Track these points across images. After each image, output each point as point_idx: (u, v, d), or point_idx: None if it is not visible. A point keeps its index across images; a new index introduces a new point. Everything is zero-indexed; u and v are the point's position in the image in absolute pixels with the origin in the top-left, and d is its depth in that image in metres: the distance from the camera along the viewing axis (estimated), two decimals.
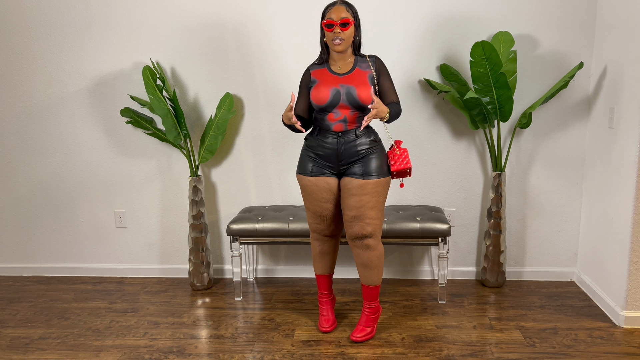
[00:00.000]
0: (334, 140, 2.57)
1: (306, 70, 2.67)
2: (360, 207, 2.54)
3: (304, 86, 2.66)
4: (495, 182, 3.24)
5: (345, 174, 2.60)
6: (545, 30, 3.19)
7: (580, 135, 3.29)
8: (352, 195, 2.55)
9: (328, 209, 2.66)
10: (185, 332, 2.88)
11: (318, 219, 2.69)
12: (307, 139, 2.69)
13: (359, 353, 2.61)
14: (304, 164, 2.66)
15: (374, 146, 2.60)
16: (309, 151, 2.65)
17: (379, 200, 2.57)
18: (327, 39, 2.53)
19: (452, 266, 3.52)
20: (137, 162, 3.55)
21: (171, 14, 3.33)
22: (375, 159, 2.58)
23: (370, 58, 2.61)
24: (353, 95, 2.51)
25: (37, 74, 3.48)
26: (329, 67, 2.60)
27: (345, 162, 2.58)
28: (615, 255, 2.90)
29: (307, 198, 2.67)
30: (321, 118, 2.59)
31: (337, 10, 2.49)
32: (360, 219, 2.54)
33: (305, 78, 2.65)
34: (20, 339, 2.84)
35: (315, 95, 2.55)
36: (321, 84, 2.56)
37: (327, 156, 2.60)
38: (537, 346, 2.65)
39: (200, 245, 3.38)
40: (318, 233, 2.74)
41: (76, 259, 3.73)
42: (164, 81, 3.20)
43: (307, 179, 2.63)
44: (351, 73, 2.56)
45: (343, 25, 2.48)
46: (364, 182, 2.54)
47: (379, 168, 2.57)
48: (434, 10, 3.22)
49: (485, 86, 2.99)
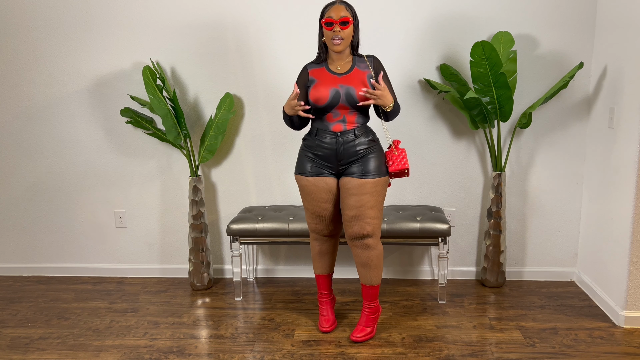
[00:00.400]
0: (332, 140, 2.57)
1: (303, 68, 2.65)
2: (360, 207, 2.54)
3: (302, 85, 2.64)
4: (495, 182, 3.24)
5: (344, 173, 2.60)
6: (545, 30, 3.19)
7: (580, 135, 3.29)
8: (352, 195, 2.55)
9: (327, 209, 2.65)
10: (185, 332, 2.88)
11: (317, 219, 2.69)
12: (305, 139, 2.68)
13: (359, 353, 2.61)
14: (303, 164, 2.65)
15: (372, 146, 2.60)
16: (307, 151, 2.65)
17: (378, 200, 2.57)
18: (326, 37, 2.53)
19: (452, 266, 3.52)
20: (137, 162, 3.55)
21: (171, 14, 3.33)
22: (374, 159, 2.58)
23: (369, 58, 2.61)
24: (352, 96, 2.51)
25: (37, 74, 3.48)
26: (328, 67, 2.59)
27: (345, 162, 2.58)
28: (615, 255, 2.90)
29: (306, 198, 2.66)
30: (320, 118, 2.59)
31: (336, 9, 2.49)
32: (360, 219, 2.54)
33: (303, 77, 2.64)
34: (20, 339, 2.84)
35: (314, 95, 2.54)
36: (320, 83, 2.55)
37: (326, 156, 2.59)
38: (537, 346, 2.65)
39: (200, 245, 3.38)
40: (317, 233, 2.74)
41: (76, 259, 3.73)
42: (164, 81, 3.20)
43: (306, 179, 2.63)
44: (350, 73, 2.56)
45: (343, 24, 2.48)
46: (364, 182, 2.54)
47: (378, 168, 2.58)
48: (434, 10, 3.22)
49: (485, 86, 2.99)
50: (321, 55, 2.62)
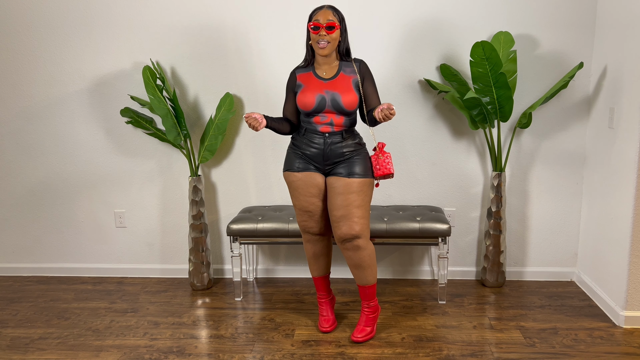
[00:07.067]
0: (321, 140, 2.62)
1: (292, 72, 2.69)
2: (347, 206, 2.56)
3: (290, 89, 2.70)
4: (495, 182, 3.24)
5: (331, 173, 2.64)
6: (545, 30, 3.19)
7: (580, 135, 3.29)
8: (339, 195, 2.58)
9: (315, 204, 2.67)
10: (185, 332, 2.88)
11: (306, 214, 2.70)
12: (294, 138, 2.73)
13: (359, 353, 2.61)
14: (291, 161, 2.69)
15: (358, 149, 2.65)
16: (296, 149, 2.68)
17: (364, 200, 2.60)
18: (312, 41, 2.57)
19: (452, 266, 3.52)
20: (137, 162, 3.55)
21: (171, 14, 3.33)
22: (359, 161, 2.63)
23: (356, 62, 2.65)
24: (338, 102, 2.56)
25: (37, 74, 3.48)
26: (314, 71, 2.63)
27: (331, 162, 2.63)
28: (615, 255, 2.90)
29: (294, 194, 2.69)
30: (308, 120, 2.64)
31: (324, 13, 2.53)
32: (347, 218, 2.56)
33: (291, 81, 2.69)
34: (20, 339, 2.84)
35: (301, 100, 2.59)
36: (307, 89, 2.59)
37: (313, 155, 2.63)
38: (537, 346, 2.65)
39: (200, 245, 3.38)
40: (308, 232, 2.75)
41: (76, 258, 3.73)
42: (164, 81, 3.20)
43: (294, 174, 2.66)
44: (335, 78, 2.60)
45: (329, 29, 2.51)
46: (350, 181, 2.58)
47: (364, 170, 2.62)
48: (434, 10, 3.22)
49: (485, 86, 2.99)
50: (308, 58, 2.65)
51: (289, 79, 2.71)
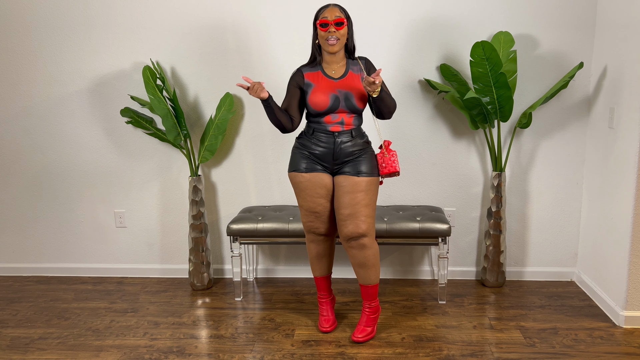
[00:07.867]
0: (330, 139, 2.60)
1: (297, 70, 2.66)
2: (354, 205, 2.56)
3: (295, 85, 2.64)
4: (495, 182, 3.24)
5: (338, 172, 2.64)
6: (545, 30, 3.19)
7: (580, 135, 3.29)
8: (346, 193, 2.57)
9: (322, 204, 2.66)
10: (185, 332, 2.88)
11: (312, 215, 2.69)
12: (299, 138, 2.70)
13: (359, 353, 2.61)
14: (297, 162, 2.67)
15: (365, 147, 2.66)
16: (302, 149, 2.66)
17: (372, 199, 2.61)
18: (320, 38, 2.56)
19: (452, 266, 3.52)
20: (137, 162, 3.55)
21: (171, 14, 3.33)
22: (367, 160, 2.63)
23: (361, 60, 2.65)
24: (352, 102, 2.57)
25: (37, 74, 3.48)
26: (323, 71, 2.62)
27: (340, 161, 2.63)
28: (615, 255, 2.90)
29: (301, 195, 2.67)
30: (317, 120, 2.62)
31: (331, 10, 2.54)
32: (354, 217, 2.56)
33: (297, 78, 2.64)
34: (20, 339, 2.84)
35: (313, 100, 2.57)
36: (318, 89, 2.58)
37: (322, 155, 2.62)
38: (537, 346, 2.65)
39: (200, 245, 3.38)
40: (313, 232, 2.74)
41: (76, 258, 3.73)
42: (164, 81, 3.20)
43: (301, 175, 2.65)
44: (345, 77, 2.59)
45: (338, 25, 2.51)
46: (358, 180, 2.57)
47: (371, 168, 2.62)
48: (435, 10, 3.22)
49: (485, 86, 2.99)
50: (316, 57, 2.63)
51: (293, 76, 2.65)
